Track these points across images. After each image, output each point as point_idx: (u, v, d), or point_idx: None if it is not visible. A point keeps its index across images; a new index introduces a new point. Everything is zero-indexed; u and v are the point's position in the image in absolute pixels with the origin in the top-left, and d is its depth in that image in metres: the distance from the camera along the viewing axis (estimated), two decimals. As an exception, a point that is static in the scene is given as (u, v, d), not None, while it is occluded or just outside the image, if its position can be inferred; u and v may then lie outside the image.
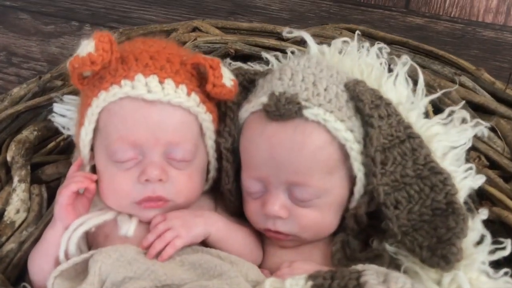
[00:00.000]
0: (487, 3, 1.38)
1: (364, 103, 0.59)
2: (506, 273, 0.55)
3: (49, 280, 0.56)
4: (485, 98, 0.77)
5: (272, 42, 0.86)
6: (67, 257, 0.58)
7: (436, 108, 0.74)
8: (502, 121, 0.74)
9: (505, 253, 0.55)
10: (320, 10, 1.48)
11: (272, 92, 0.59)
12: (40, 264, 0.60)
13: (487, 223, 0.65)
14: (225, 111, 0.64)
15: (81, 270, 0.58)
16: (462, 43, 1.35)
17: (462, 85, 0.80)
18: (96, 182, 0.61)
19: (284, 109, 0.57)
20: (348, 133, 0.58)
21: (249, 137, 0.61)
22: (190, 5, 1.50)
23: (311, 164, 0.58)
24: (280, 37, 0.91)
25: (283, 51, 0.80)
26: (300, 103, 0.58)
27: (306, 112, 0.57)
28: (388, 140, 0.59)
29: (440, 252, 0.54)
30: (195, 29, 0.95)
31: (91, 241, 0.62)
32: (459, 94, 0.77)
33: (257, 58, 0.81)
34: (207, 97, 0.61)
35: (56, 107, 0.74)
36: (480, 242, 0.57)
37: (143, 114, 0.58)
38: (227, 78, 0.62)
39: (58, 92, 0.78)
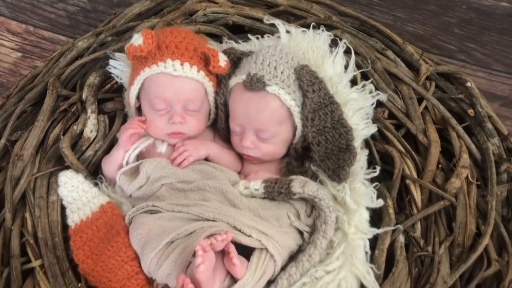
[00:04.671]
0: (449, -36, 1.63)
1: (304, 82, 0.96)
2: (375, 186, 0.96)
3: (117, 175, 0.98)
4: (398, 70, 1.12)
5: (260, 14, 1.20)
6: (127, 164, 1.00)
7: (364, 76, 1.10)
8: (404, 87, 1.10)
9: (376, 173, 0.96)
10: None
11: (249, 72, 0.96)
12: (110, 167, 1.01)
13: (383, 155, 1.06)
14: (221, 80, 1.02)
15: (134, 171, 1.00)
16: (423, -2, 1.61)
17: (387, 57, 1.15)
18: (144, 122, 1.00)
19: (255, 85, 0.94)
20: (293, 101, 0.95)
21: (234, 99, 0.99)
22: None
23: (269, 119, 0.96)
24: (267, 8, 1.24)
25: (264, 22, 1.14)
26: (265, 82, 0.95)
27: (268, 88, 0.95)
28: (317, 105, 0.97)
29: (337, 173, 0.94)
30: (205, -3, 1.27)
31: (139, 157, 1.02)
32: (382, 65, 1.13)
33: (248, 31, 1.16)
34: (210, 72, 0.98)
35: (111, 62, 1.10)
36: (363, 167, 0.98)
37: (171, 83, 0.95)
38: (222, 60, 0.98)
39: (109, 48, 1.14)
